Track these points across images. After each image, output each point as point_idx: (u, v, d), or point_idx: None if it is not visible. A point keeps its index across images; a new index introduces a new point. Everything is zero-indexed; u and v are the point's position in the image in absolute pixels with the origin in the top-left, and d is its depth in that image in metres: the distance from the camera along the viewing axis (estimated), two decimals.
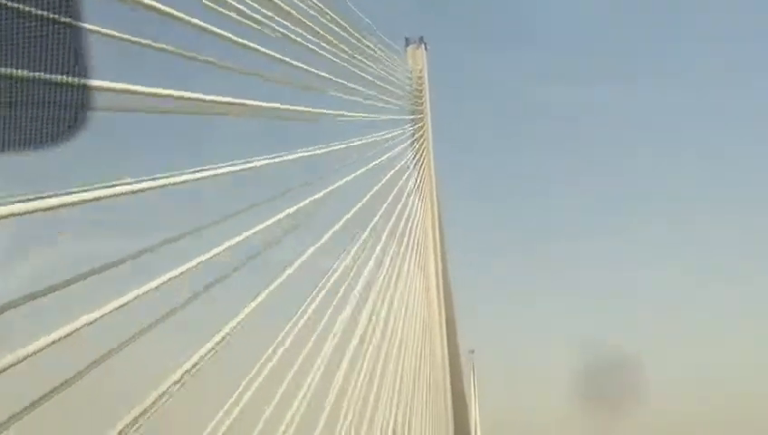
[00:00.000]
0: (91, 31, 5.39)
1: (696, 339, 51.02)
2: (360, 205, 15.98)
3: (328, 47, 14.22)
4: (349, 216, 15.06)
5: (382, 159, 18.38)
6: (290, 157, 12.14)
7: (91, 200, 6.91)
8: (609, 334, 49.18)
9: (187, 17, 8.81)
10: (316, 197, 13.15)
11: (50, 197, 6.09)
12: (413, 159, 22.76)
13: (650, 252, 58.42)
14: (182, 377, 8.79)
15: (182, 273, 8.78)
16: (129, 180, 7.60)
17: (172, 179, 8.54)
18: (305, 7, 12.71)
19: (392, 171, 19.32)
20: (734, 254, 56.10)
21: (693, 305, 53.95)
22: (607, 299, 54.94)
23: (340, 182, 14.49)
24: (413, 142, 23.03)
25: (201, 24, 9.25)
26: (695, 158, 61.87)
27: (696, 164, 62.68)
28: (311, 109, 13.75)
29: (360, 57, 16.67)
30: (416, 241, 21.43)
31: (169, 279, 8.50)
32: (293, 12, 12.20)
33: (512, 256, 60.07)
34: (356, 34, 15.94)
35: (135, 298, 7.88)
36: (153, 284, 8.21)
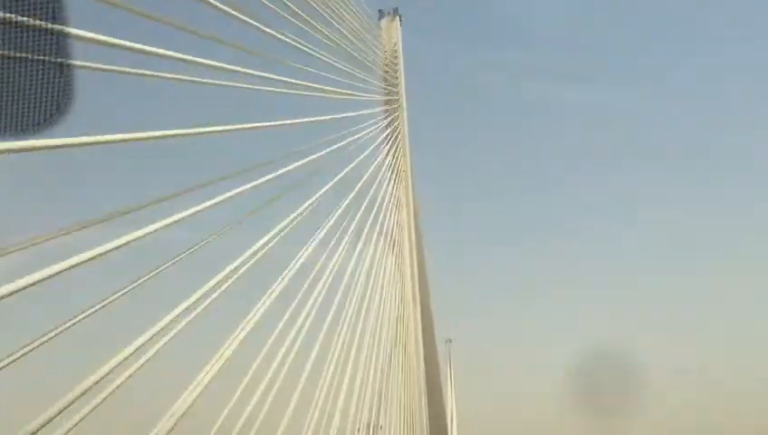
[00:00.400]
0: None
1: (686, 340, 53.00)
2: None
3: None
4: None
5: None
6: None
7: None
8: (602, 332, 49.26)
9: None
10: None
11: None
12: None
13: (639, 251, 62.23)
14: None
15: None
16: None
17: None
18: None
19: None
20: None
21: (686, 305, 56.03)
22: (599, 298, 57.75)
23: None
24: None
25: None
26: (686, 160, 63.64)
27: (687, 166, 65.45)
28: None
29: None
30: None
31: None
32: None
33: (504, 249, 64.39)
34: None
35: None
36: None
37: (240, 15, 10.94)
